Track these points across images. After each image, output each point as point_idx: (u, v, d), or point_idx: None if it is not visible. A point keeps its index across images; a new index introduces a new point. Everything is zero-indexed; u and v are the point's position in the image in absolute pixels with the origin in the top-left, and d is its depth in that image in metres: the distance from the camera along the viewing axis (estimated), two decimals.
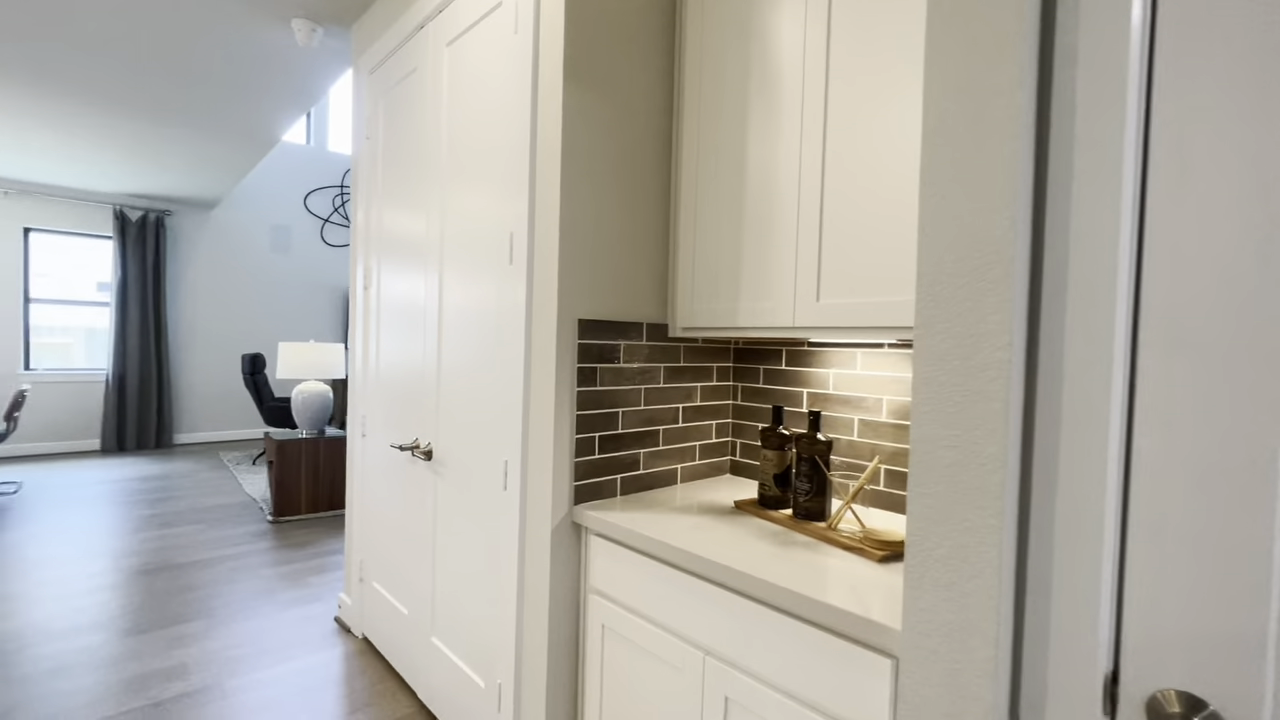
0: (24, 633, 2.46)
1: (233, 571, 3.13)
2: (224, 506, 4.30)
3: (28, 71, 3.22)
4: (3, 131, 4.22)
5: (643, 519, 1.39)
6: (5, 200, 5.69)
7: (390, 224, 2.27)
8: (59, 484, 4.81)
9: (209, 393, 6.76)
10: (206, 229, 6.68)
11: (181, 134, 4.18)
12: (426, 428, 1.99)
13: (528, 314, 1.52)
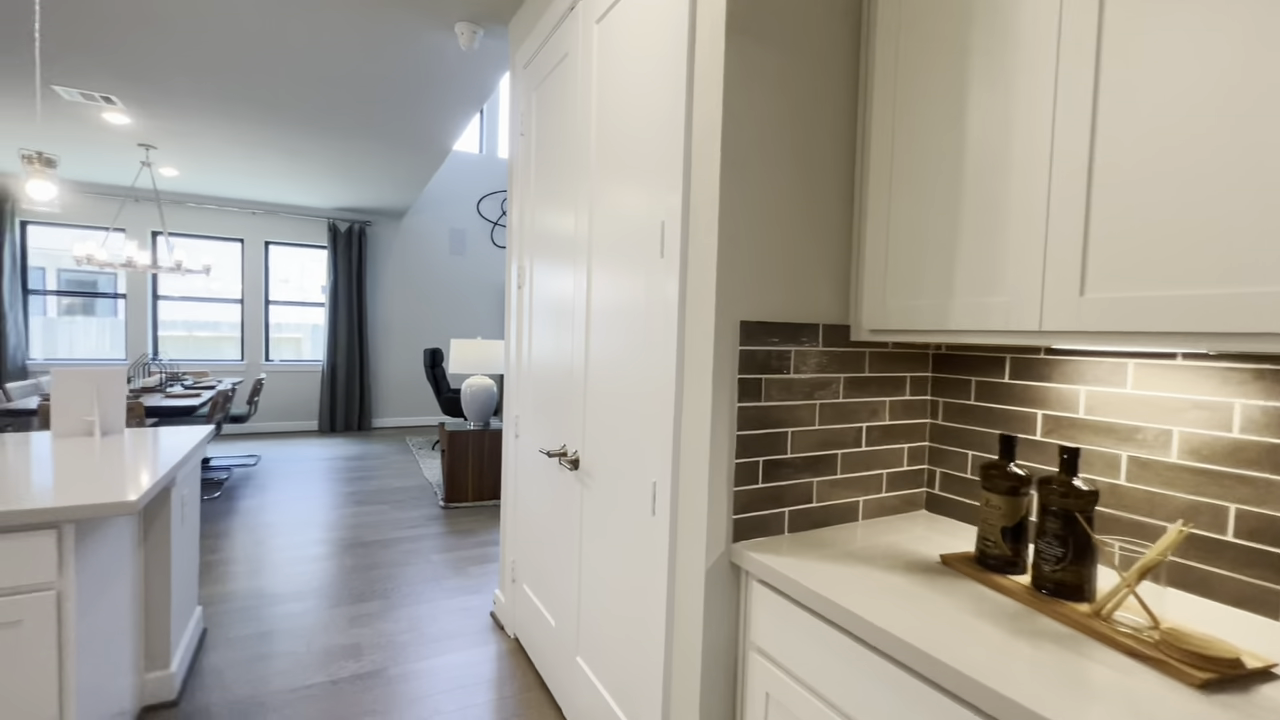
0: (252, 593, 2.81)
1: (407, 554, 3.36)
2: (405, 489, 4.71)
3: (260, 106, 3.73)
4: (248, 161, 5.00)
5: (818, 570, 1.12)
6: (253, 219, 6.82)
7: (540, 220, 2.20)
8: (286, 458, 5.64)
9: (399, 383, 7.57)
10: (398, 236, 7.47)
11: (373, 149, 4.62)
12: (574, 435, 1.88)
13: (680, 315, 1.31)
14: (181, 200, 6.48)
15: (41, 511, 1.34)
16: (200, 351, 6.91)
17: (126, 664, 1.79)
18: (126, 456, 1.84)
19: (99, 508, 1.38)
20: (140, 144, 4.62)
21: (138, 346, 6.48)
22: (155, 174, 5.55)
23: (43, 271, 6.39)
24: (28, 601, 1.35)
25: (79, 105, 3.81)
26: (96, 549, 1.53)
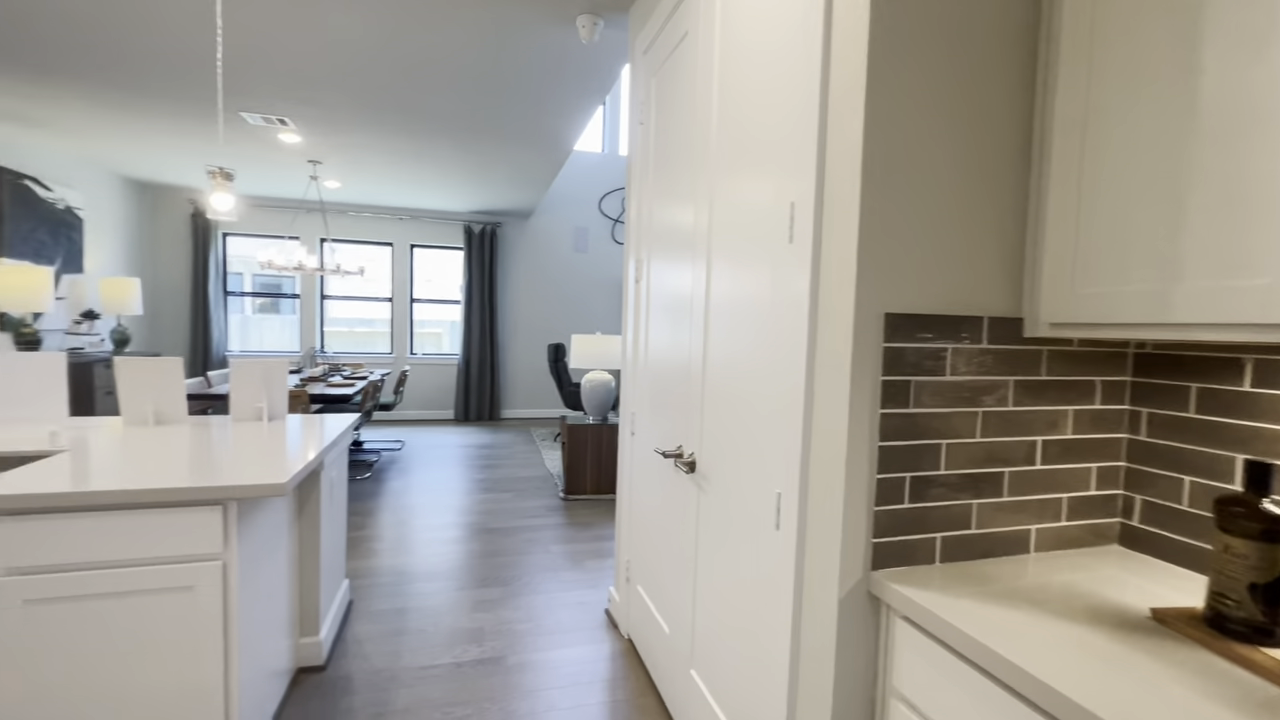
0: (392, 570, 3.04)
1: (528, 543, 3.46)
2: (529, 479, 4.89)
3: (406, 118, 4.02)
4: (396, 170, 5.46)
5: (980, 612, 0.92)
6: (400, 224, 7.46)
7: (658, 211, 2.12)
8: (427, 444, 6.11)
9: (525, 376, 7.94)
10: (524, 235, 7.81)
11: (502, 152, 4.83)
12: (690, 436, 1.78)
13: (811, 306, 1.16)
14: (343, 209, 7.23)
15: (209, 490, 1.48)
16: (357, 345, 7.69)
17: (283, 629, 1.97)
18: (284, 441, 2.02)
19: (255, 488, 1.51)
20: (309, 160, 5.19)
21: (308, 340, 7.34)
22: (321, 186, 6.23)
23: (240, 276, 7.42)
24: (199, 569, 1.50)
25: (260, 128, 4.34)
26: (257, 524, 1.68)
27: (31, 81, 3.62)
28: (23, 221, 4.77)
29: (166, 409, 2.24)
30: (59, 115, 4.27)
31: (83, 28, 2.86)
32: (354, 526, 3.64)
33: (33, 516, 1.39)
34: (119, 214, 6.16)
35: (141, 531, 1.46)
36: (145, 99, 3.84)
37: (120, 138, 4.78)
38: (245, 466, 1.66)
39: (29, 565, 1.40)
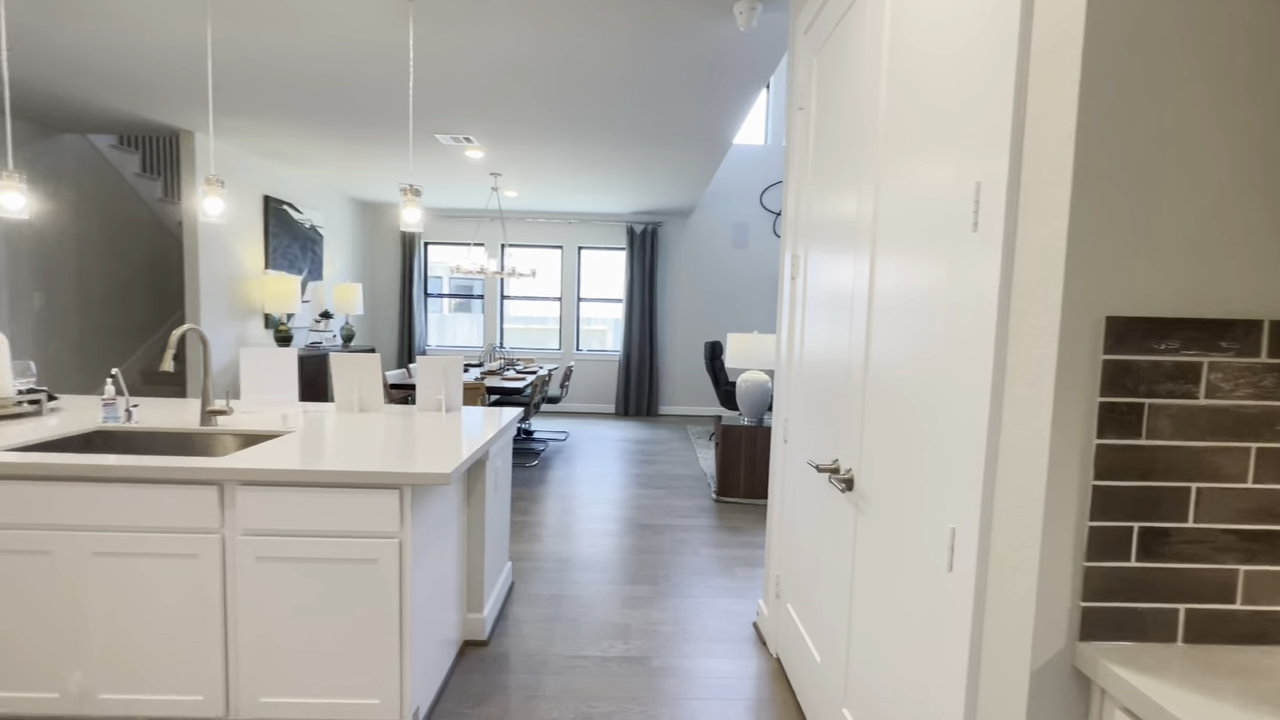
0: (552, 556, 3.22)
1: (678, 543, 3.45)
2: (682, 477, 4.90)
3: (574, 126, 4.23)
4: (566, 177, 5.79)
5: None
6: (569, 228, 7.93)
7: (817, 202, 1.95)
8: (589, 436, 6.42)
9: (683, 374, 8.00)
10: (684, 233, 7.85)
11: (662, 153, 4.87)
12: (848, 449, 1.60)
13: (1001, 306, 0.96)
14: (520, 216, 7.87)
15: (389, 475, 1.65)
16: (531, 341, 8.33)
17: (452, 603, 2.16)
18: (457, 432, 2.20)
19: (424, 476, 1.65)
20: (491, 172, 5.70)
21: (489, 337, 8.11)
22: (500, 196, 6.82)
23: (440, 280, 8.42)
24: (381, 545, 1.68)
25: (450, 148, 4.85)
26: (430, 507, 1.85)
27: (291, 128, 4.42)
28: (282, 238, 5.87)
29: (368, 398, 2.57)
30: (307, 152, 5.18)
31: (324, 88, 3.41)
32: (520, 511, 3.92)
33: (264, 488, 1.66)
34: (348, 229, 7.32)
35: (339, 508, 1.67)
36: (365, 134, 4.49)
37: (348, 167, 5.67)
38: (420, 455, 1.83)
39: (260, 528, 1.67)
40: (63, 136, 4.89)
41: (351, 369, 2.55)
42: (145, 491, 1.66)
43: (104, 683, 1.70)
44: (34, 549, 1.67)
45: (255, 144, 4.99)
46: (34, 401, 2.27)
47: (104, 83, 3.65)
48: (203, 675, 1.71)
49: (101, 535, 1.67)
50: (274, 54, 3.14)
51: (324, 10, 2.65)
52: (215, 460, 1.69)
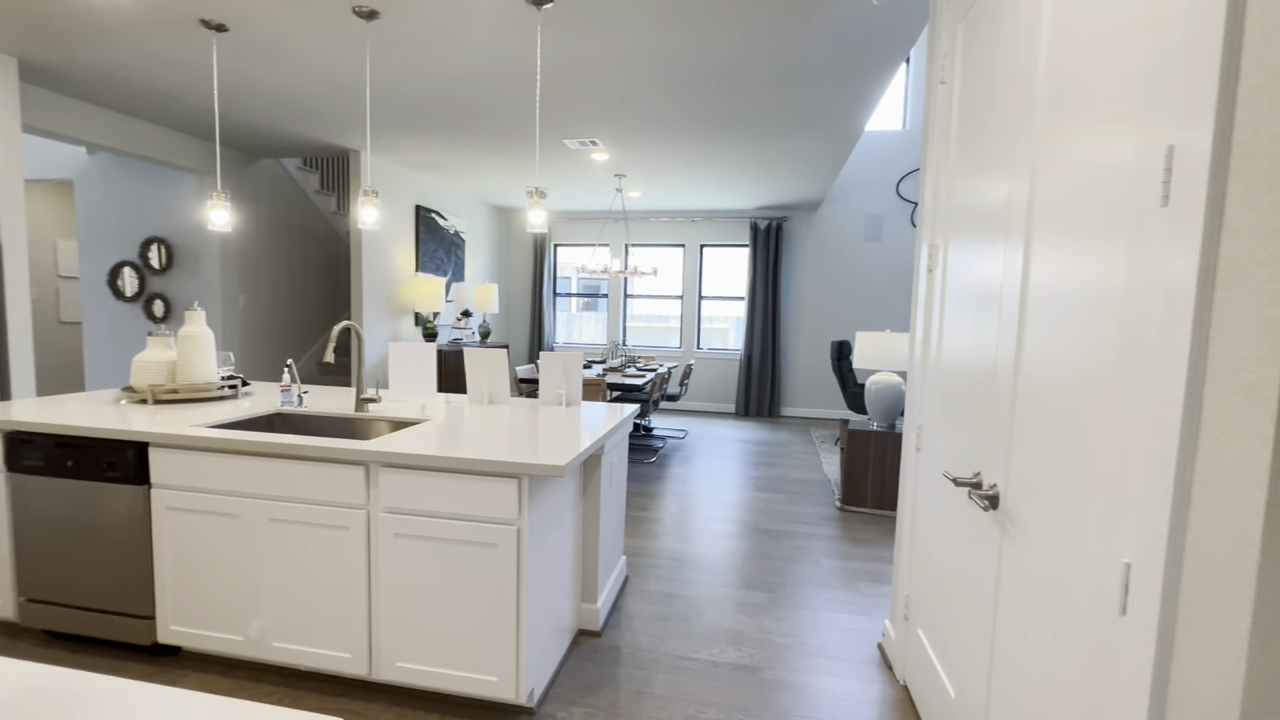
0: (666, 553, 3.23)
1: (798, 551, 3.30)
2: (804, 482, 4.69)
3: (697, 124, 4.21)
4: (689, 175, 5.79)
5: None
6: (692, 226, 7.91)
7: (960, 186, 1.75)
8: (708, 436, 6.37)
9: (807, 374, 7.67)
10: (812, 228, 7.52)
11: (788, 144, 4.68)
12: (992, 461, 1.42)
13: (1200, 297, 0.78)
14: (644, 216, 7.99)
15: (508, 465, 1.73)
16: (652, 339, 8.43)
17: (567, 592, 2.22)
18: (575, 426, 2.26)
19: (540, 467, 1.71)
20: (615, 174, 5.84)
21: (612, 334, 8.33)
22: (625, 197, 6.97)
23: (569, 280, 8.80)
24: (501, 530, 1.76)
25: (577, 151, 5.03)
26: (547, 497, 1.92)
27: (436, 142, 4.84)
28: (430, 244, 6.44)
29: (497, 390, 2.73)
30: (450, 163, 5.64)
31: (464, 102, 3.69)
32: (637, 507, 3.97)
33: (402, 470, 1.81)
34: (486, 233, 7.87)
35: (464, 493, 1.78)
36: (500, 143, 4.79)
37: (485, 175, 6.09)
38: (539, 447, 1.90)
39: (398, 507, 1.83)
40: (261, 161, 5.74)
41: (482, 363, 2.72)
42: (308, 468, 1.88)
43: (276, 632, 1.96)
44: (226, 512, 1.96)
45: (408, 158, 5.52)
46: (231, 386, 2.67)
47: (291, 113, 4.22)
48: (351, 636, 1.90)
49: (275, 504, 1.92)
50: (420, 76, 3.44)
51: (461, 28, 2.84)
52: (362, 443, 1.87)
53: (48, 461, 2.09)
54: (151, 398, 2.45)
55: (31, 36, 3.07)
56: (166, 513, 2.01)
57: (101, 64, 3.41)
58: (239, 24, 2.83)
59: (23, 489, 2.13)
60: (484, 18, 2.73)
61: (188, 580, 2.02)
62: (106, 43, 3.11)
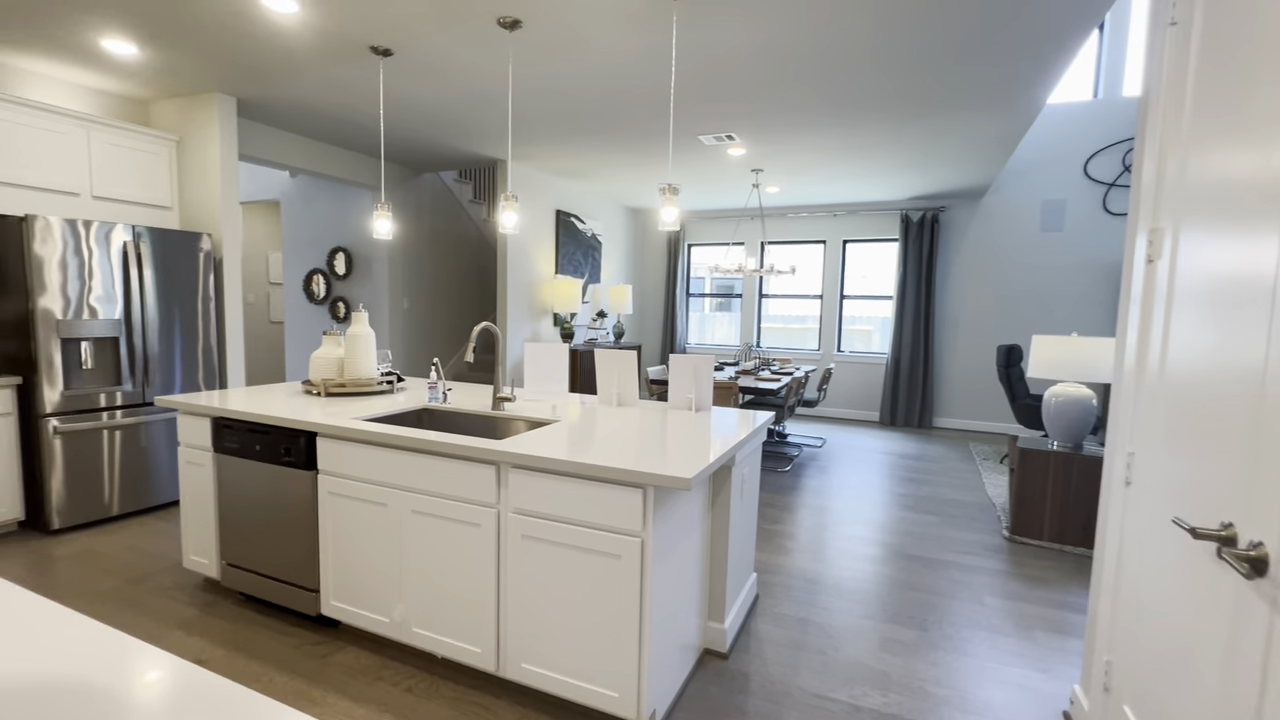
0: (800, 573, 3.00)
1: (955, 584, 2.89)
2: (962, 504, 4.15)
3: (832, 109, 3.90)
4: (831, 167, 5.42)
5: None
6: (834, 221, 7.44)
7: (1203, 158, 1.37)
8: (848, 445, 5.92)
9: (965, 381, 6.87)
10: (974, 218, 6.71)
11: (947, 126, 4.18)
12: (1257, 511, 1.07)
13: None
14: (782, 212, 7.65)
15: (633, 474, 1.65)
16: (788, 341, 8.05)
17: (693, 609, 2.11)
18: (704, 433, 2.14)
19: (665, 479, 1.60)
20: (752, 169, 5.62)
21: (746, 336, 8.08)
22: (761, 193, 6.70)
23: (702, 280, 8.71)
24: (624, 541, 1.69)
25: (712, 148, 4.90)
26: (672, 508, 1.82)
27: (575, 147, 4.97)
28: (569, 247, 6.67)
29: (626, 393, 2.68)
30: (587, 167, 5.78)
31: (600, 106, 3.73)
32: (769, 519, 3.75)
33: (529, 472, 1.81)
34: (622, 235, 8.01)
35: (589, 499, 1.73)
36: (636, 144, 4.80)
37: (621, 177, 6.17)
38: (666, 455, 1.80)
39: (526, 508, 1.83)
40: (423, 176, 6.29)
41: (612, 365, 2.69)
42: (445, 464, 1.95)
43: (416, 618, 2.06)
44: (377, 501, 2.10)
45: (549, 165, 5.74)
46: (388, 382, 2.89)
47: (445, 127, 4.55)
48: (481, 631, 1.94)
49: (417, 496, 2.01)
50: (559, 82, 3.51)
51: (597, 30, 2.84)
52: (494, 443, 1.89)
53: (242, 445, 2.39)
54: (323, 391, 2.72)
55: (245, 77, 3.58)
56: (329, 497, 2.20)
57: (292, 96, 3.89)
58: (401, 47, 3.07)
59: (225, 468, 2.45)
60: (619, 16, 2.70)
61: (345, 560, 2.19)
62: (295, 76, 3.54)
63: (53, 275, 3.13)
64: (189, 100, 3.96)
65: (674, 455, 1.80)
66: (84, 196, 3.55)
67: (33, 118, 3.30)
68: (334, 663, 2.13)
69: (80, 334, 3.24)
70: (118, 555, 2.96)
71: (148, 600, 2.53)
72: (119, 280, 3.38)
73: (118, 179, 3.69)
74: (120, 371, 3.42)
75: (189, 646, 2.20)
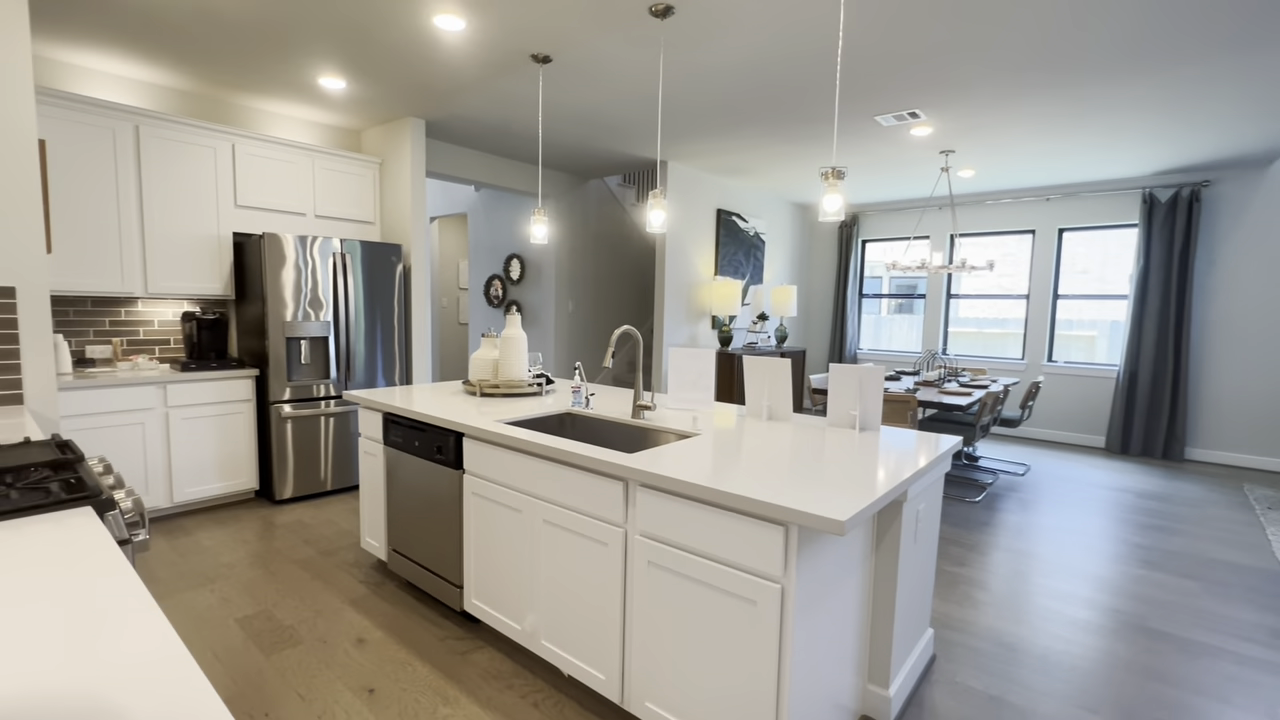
0: (990, 634, 2.47)
1: (1227, 683, 2.15)
2: (1236, 567, 3.16)
3: (1047, 74, 3.18)
4: (1045, 140, 4.52)
5: None
6: (1046, 206, 6.27)
7: None
8: (1059, 475, 4.91)
9: (1234, 403, 5.33)
10: (1258, 193, 5.18)
11: (1222, 70, 3.20)
12: None
13: None
14: (977, 199, 6.64)
15: (772, 507, 1.39)
16: (983, 348, 6.98)
17: (848, 668, 1.77)
18: (869, 460, 1.80)
19: (812, 518, 1.32)
20: (940, 151, 4.90)
21: (930, 341, 7.16)
22: (952, 178, 5.85)
23: (879, 280, 7.93)
24: (760, 586, 1.44)
25: (892, 129, 4.33)
26: (823, 550, 1.52)
27: (735, 141, 4.74)
28: (729, 247, 6.44)
29: (777, 405, 2.40)
30: (750, 163, 5.49)
31: (759, 96, 3.46)
32: (951, 559, 3.18)
33: (657, 493, 1.64)
34: (787, 233, 7.56)
35: (721, 531, 1.50)
36: (801, 133, 4.43)
37: (786, 171, 5.78)
38: (818, 486, 1.51)
39: (653, 533, 1.66)
40: (589, 182, 6.49)
41: (762, 373, 2.43)
42: (574, 476, 1.86)
43: (545, 629, 2.00)
44: (512, 506, 2.08)
45: (709, 163, 5.56)
46: (539, 384, 2.92)
47: (604, 131, 4.60)
48: (605, 656, 1.81)
49: (549, 506, 1.95)
50: (715, 71, 3.30)
51: (753, 4, 2.59)
52: (622, 458, 1.75)
53: (404, 440, 2.54)
54: (479, 391, 2.82)
55: (428, 99, 3.91)
56: (472, 497, 2.24)
57: (466, 113, 4.18)
58: (559, 51, 3.10)
59: (391, 460, 2.64)
60: None
61: (485, 561, 2.22)
62: (466, 93, 3.77)
63: (283, 284, 3.67)
64: (389, 126, 4.45)
65: (828, 486, 1.50)
66: (309, 216, 4.15)
67: (274, 151, 3.92)
68: (472, 662, 2.15)
69: (300, 334, 3.77)
70: (319, 528, 3.38)
71: (332, 573, 2.82)
72: (329, 287, 3.88)
73: (333, 199, 4.26)
74: (329, 366, 3.92)
75: (354, 624, 2.38)
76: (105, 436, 3.19)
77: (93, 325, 3.57)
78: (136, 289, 3.45)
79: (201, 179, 3.65)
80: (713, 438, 2.04)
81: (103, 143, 3.29)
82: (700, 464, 1.70)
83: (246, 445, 3.73)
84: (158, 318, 3.80)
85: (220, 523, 3.44)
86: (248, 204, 3.84)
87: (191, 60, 3.34)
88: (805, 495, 1.43)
